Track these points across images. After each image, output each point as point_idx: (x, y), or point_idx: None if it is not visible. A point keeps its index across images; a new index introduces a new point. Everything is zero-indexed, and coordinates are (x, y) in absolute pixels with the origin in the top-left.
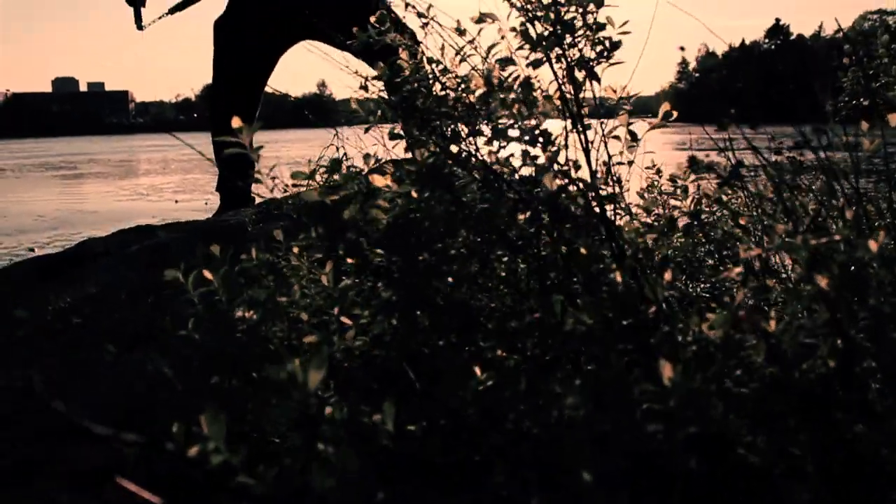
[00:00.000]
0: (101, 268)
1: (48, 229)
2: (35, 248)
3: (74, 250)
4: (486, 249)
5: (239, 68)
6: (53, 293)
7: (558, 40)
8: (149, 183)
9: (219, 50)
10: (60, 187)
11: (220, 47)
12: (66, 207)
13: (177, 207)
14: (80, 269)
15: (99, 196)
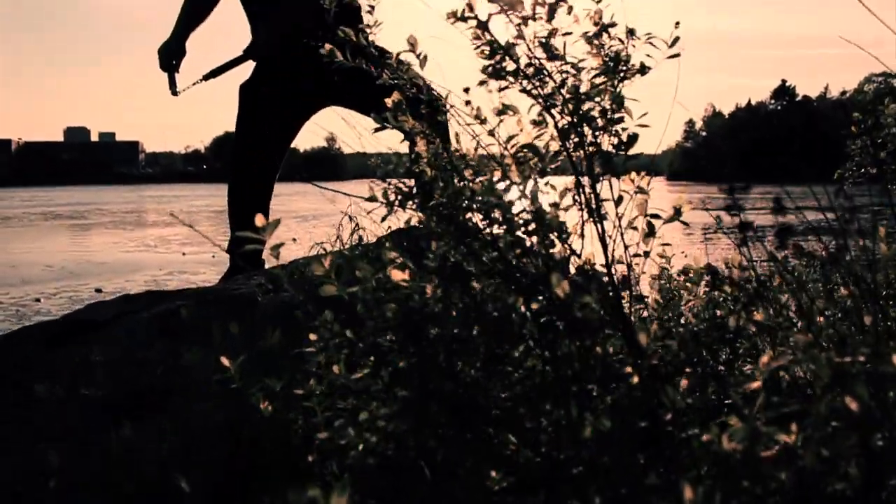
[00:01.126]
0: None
1: (55, 280)
2: (41, 299)
3: (82, 315)
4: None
5: (262, 132)
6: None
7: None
8: (157, 234)
9: (243, 113)
10: (69, 237)
11: (245, 111)
12: (74, 258)
13: (184, 260)
14: (87, 336)
15: (107, 247)
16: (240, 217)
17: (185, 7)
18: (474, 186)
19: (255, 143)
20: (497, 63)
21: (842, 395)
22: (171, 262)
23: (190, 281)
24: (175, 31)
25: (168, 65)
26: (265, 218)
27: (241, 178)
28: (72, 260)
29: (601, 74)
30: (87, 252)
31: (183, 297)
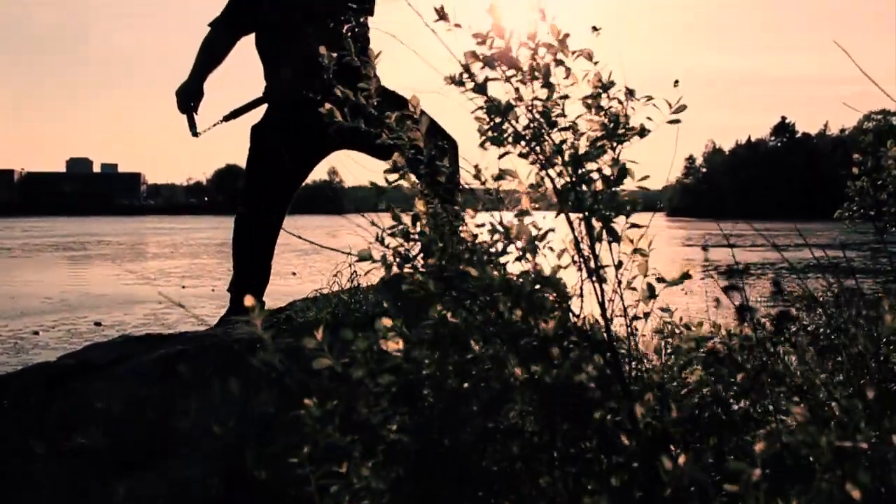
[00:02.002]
0: (106, 380)
1: (54, 312)
2: (40, 332)
3: (80, 358)
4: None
5: (271, 174)
6: (59, 408)
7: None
8: (157, 267)
9: (253, 154)
10: (68, 268)
11: (256, 152)
12: (74, 290)
13: (183, 293)
14: (86, 379)
15: (106, 279)
16: (244, 257)
17: (202, 49)
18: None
19: (264, 184)
20: (495, 128)
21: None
22: (170, 296)
23: (189, 315)
24: (192, 73)
25: (186, 106)
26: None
27: (248, 219)
28: (71, 292)
29: (601, 139)
30: (86, 284)
31: (182, 342)
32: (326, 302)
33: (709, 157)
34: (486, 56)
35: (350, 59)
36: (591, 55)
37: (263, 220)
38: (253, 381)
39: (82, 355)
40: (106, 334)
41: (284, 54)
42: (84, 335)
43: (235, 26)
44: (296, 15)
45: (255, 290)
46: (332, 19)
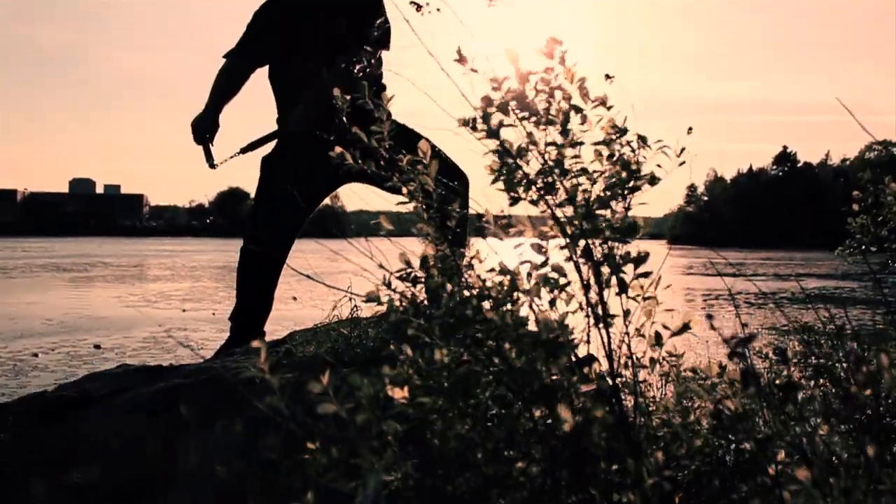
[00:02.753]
0: (104, 413)
1: (54, 334)
2: (39, 354)
3: (77, 389)
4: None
5: (281, 206)
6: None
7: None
8: (158, 289)
9: (263, 185)
10: (69, 290)
11: (265, 184)
12: (74, 312)
13: (184, 316)
14: (84, 412)
15: (107, 301)
16: (248, 287)
17: (217, 80)
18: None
19: (272, 215)
20: (506, 172)
21: None
22: (170, 319)
23: (189, 339)
24: (208, 105)
25: (202, 138)
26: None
27: (255, 250)
28: (71, 314)
29: (612, 187)
30: (86, 306)
31: (182, 375)
32: (326, 336)
33: (710, 185)
34: (500, 102)
35: (364, 101)
36: (605, 101)
37: (269, 251)
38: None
39: (80, 386)
40: (105, 357)
41: (297, 86)
42: (83, 358)
43: (251, 56)
44: (310, 47)
45: (256, 320)
46: (347, 53)
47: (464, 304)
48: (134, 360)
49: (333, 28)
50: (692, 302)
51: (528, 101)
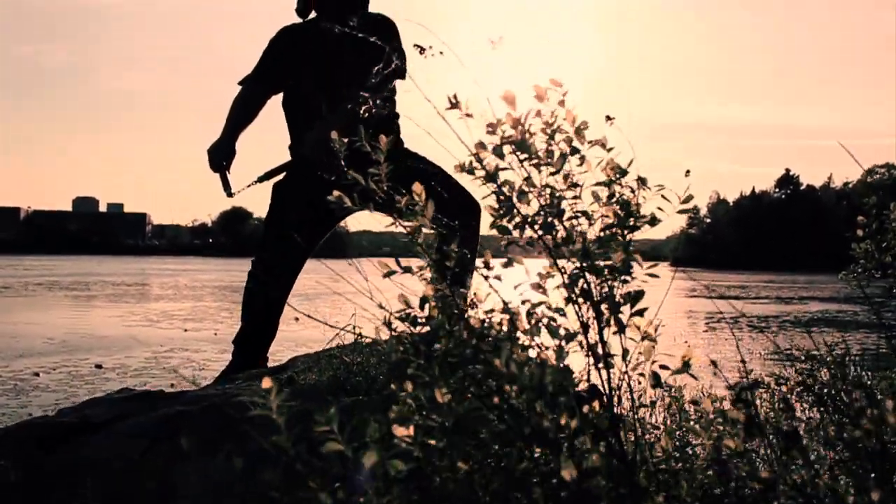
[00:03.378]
0: (105, 440)
1: (55, 353)
2: (40, 373)
3: (78, 415)
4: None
5: (289, 235)
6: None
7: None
8: (160, 309)
9: (273, 212)
10: (71, 308)
11: (275, 210)
12: (76, 331)
13: (185, 336)
14: (81, 440)
15: (109, 320)
16: (253, 313)
17: (233, 107)
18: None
19: (281, 243)
20: (504, 213)
21: None
22: (172, 339)
23: (191, 360)
24: (224, 132)
25: (218, 166)
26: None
27: (262, 275)
28: (73, 333)
29: (611, 227)
30: (88, 325)
31: (183, 402)
32: (329, 363)
33: (713, 207)
34: (496, 146)
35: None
36: (605, 143)
37: (277, 277)
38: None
39: (81, 411)
40: (106, 377)
41: (310, 113)
42: (84, 378)
43: (266, 83)
44: (324, 75)
45: (260, 345)
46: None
47: (463, 345)
48: (135, 380)
49: (347, 57)
50: (694, 325)
51: (525, 143)
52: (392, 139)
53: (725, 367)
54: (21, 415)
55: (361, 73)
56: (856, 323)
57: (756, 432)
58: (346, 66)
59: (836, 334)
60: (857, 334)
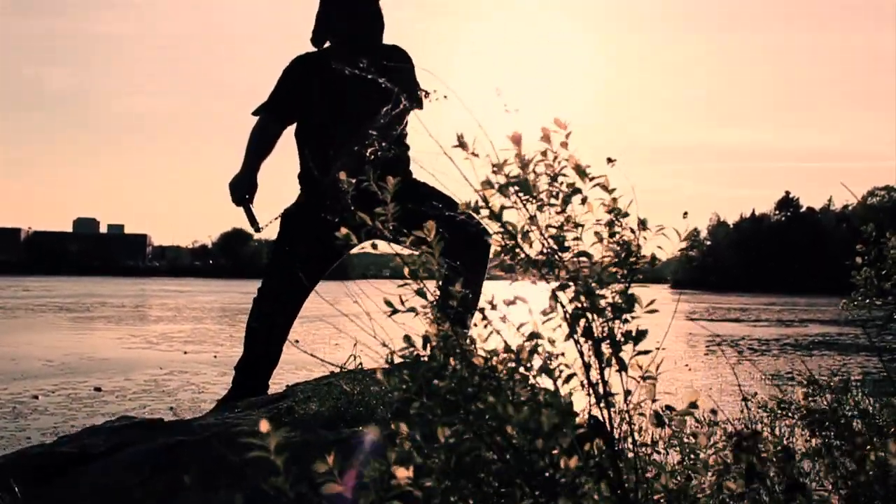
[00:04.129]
0: (103, 471)
1: (55, 375)
2: (39, 396)
3: (75, 445)
4: None
5: (296, 263)
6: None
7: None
8: (160, 331)
9: (281, 239)
10: (71, 330)
11: (284, 237)
12: (75, 353)
13: (185, 359)
14: (80, 470)
15: (108, 342)
16: (256, 341)
17: (251, 139)
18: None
19: (288, 272)
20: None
21: None
22: (171, 362)
23: (190, 382)
24: (244, 165)
25: (241, 200)
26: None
27: (267, 303)
28: (73, 355)
29: (612, 266)
30: (88, 347)
31: (182, 432)
32: (329, 393)
33: (713, 230)
34: (500, 185)
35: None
36: (606, 185)
37: (282, 306)
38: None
39: (80, 440)
40: (105, 400)
41: (322, 145)
42: (83, 401)
43: (280, 112)
44: (336, 107)
45: (262, 373)
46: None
47: (465, 384)
48: (134, 402)
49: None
50: (695, 348)
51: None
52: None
53: (727, 391)
54: (19, 438)
55: (376, 105)
56: (857, 346)
57: (757, 479)
58: (360, 97)
59: (836, 357)
60: (857, 357)
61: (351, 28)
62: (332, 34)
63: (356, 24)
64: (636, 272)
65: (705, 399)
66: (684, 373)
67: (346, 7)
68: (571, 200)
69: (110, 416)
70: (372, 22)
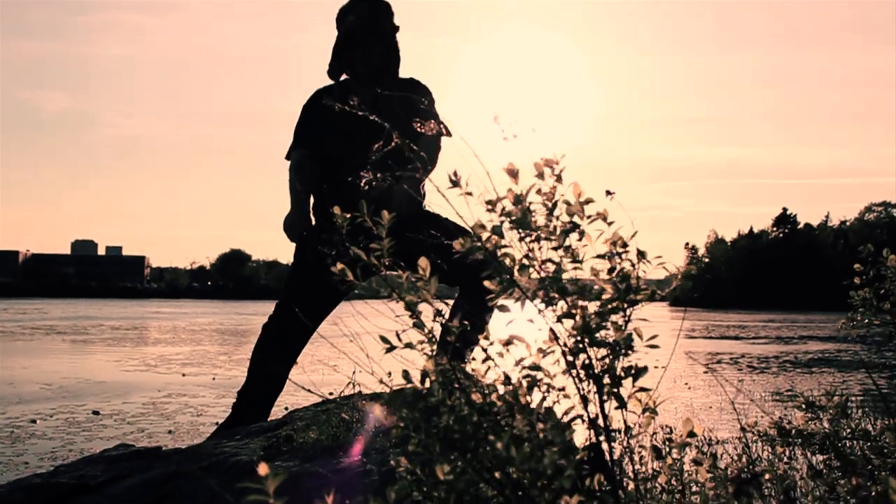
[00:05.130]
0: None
1: (52, 399)
2: (37, 420)
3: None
4: None
5: (313, 290)
6: None
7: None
8: (158, 353)
9: (299, 266)
10: (69, 353)
11: (301, 264)
12: (73, 375)
13: (184, 381)
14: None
15: (106, 365)
16: (263, 366)
17: (291, 183)
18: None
19: (302, 299)
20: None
21: None
22: (169, 384)
23: (188, 404)
24: (294, 206)
25: (298, 237)
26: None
27: (276, 332)
28: (71, 378)
29: (611, 301)
30: (86, 370)
31: (180, 460)
32: (328, 421)
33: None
34: (495, 226)
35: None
36: (605, 216)
37: (292, 333)
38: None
39: (78, 470)
40: (104, 424)
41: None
42: (81, 425)
43: (308, 145)
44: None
45: (265, 400)
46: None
47: (464, 422)
48: (132, 426)
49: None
50: (692, 365)
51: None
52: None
53: (726, 410)
54: (17, 464)
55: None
56: (856, 363)
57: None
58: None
59: (836, 375)
60: (857, 374)
61: (367, 62)
62: (349, 67)
63: (373, 59)
64: (636, 303)
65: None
66: (683, 391)
67: (363, 42)
68: (569, 235)
69: (108, 440)
70: (388, 56)
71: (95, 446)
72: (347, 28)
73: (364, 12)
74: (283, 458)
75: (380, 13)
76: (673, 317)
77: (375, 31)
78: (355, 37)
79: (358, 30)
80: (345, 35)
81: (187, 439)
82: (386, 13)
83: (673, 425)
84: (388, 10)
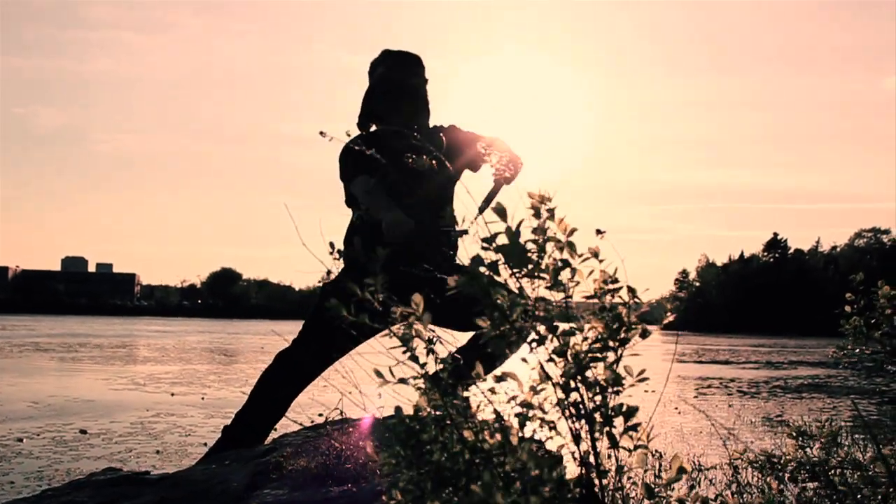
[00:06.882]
0: None
1: (40, 417)
2: (24, 439)
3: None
4: None
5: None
6: None
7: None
8: (147, 372)
9: (317, 312)
10: (56, 371)
11: (319, 311)
12: (61, 394)
13: (172, 401)
14: None
15: (95, 384)
16: (267, 393)
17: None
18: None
19: (323, 336)
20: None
21: None
22: (158, 403)
23: (177, 424)
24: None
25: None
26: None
27: (290, 366)
28: (58, 396)
29: (602, 340)
30: (74, 388)
31: (168, 486)
32: (316, 448)
33: (702, 271)
34: (490, 262)
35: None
36: (597, 253)
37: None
38: None
39: (63, 496)
40: (91, 443)
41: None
42: (69, 444)
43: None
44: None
45: (262, 427)
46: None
47: (455, 460)
48: (120, 446)
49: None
50: (683, 389)
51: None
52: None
53: (717, 435)
54: (2, 483)
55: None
56: (846, 388)
57: None
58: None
59: (826, 400)
60: (846, 400)
61: (396, 115)
62: (378, 120)
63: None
64: (627, 341)
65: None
66: (673, 416)
67: (391, 95)
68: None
69: (96, 459)
70: (416, 108)
71: (83, 466)
72: (376, 80)
73: (393, 65)
74: (272, 486)
75: (408, 66)
76: (664, 341)
77: (403, 85)
78: (384, 89)
79: (386, 82)
80: (373, 87)
81: (175, 460)
82: (415, 66)
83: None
84: (417, 63)
